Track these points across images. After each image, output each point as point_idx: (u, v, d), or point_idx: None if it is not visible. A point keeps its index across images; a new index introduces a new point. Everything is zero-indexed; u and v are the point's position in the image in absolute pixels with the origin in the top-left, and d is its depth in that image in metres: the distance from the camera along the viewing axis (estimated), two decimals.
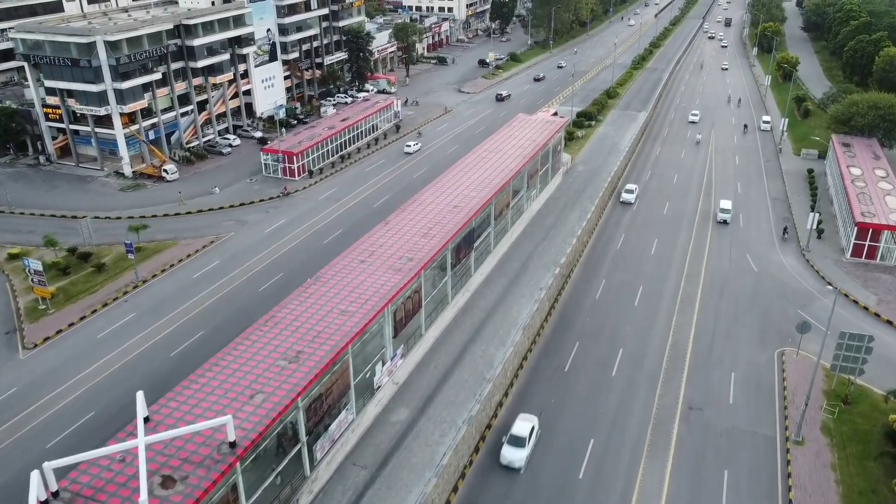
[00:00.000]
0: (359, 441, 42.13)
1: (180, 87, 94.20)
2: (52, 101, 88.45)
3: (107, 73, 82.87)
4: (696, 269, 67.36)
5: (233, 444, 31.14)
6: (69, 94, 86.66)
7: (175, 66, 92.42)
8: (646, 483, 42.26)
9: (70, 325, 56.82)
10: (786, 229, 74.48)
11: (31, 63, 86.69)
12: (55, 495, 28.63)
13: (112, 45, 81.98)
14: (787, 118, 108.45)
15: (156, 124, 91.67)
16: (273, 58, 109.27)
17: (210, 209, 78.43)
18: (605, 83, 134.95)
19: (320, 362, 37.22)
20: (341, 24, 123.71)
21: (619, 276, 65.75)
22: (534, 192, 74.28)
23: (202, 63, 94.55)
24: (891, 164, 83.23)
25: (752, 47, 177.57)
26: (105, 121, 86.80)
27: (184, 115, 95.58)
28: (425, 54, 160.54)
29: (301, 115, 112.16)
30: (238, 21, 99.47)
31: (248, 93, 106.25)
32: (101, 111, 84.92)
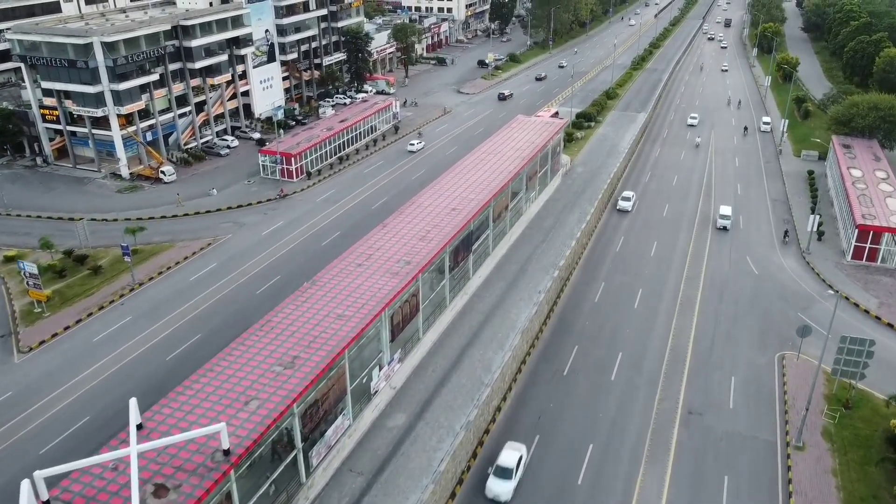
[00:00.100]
0: (356, 446, 41.75)
1: (178, 88, 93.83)
2: (49, 102, 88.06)
3: (104, 74, 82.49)
4: (695, 272, 67.00)
5: (227, 452, 30.76)
6: (66, 95, 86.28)
7: (173, 67, 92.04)
8: (645, 488, 41.90)
9: (66, 329, 56.44)
10: (786, 233, 73.98)
11: (27, 64, 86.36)
12: None
13: (109, 47, 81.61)
14: (787, 119, 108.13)
15: (153, 126, 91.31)
16: (271, 59, 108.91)
17: (207, 211, 78.04)
18: (604, 84, 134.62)
19: (316, 368, 36.85)
20: (340, 24, 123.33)
21: (619, 279, 65.38)
22: (533, 193, 73.91)
23: (200, 64, 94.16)
24: (891, 166, 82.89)
25: (751, 48, 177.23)
26: (102, 122, 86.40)
27: (182, 116, 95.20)
28: (424, 55, 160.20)
29: (299, 116, 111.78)
30: (236, 22, 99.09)
31: (246, 94, 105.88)
32: (98, 113, 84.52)
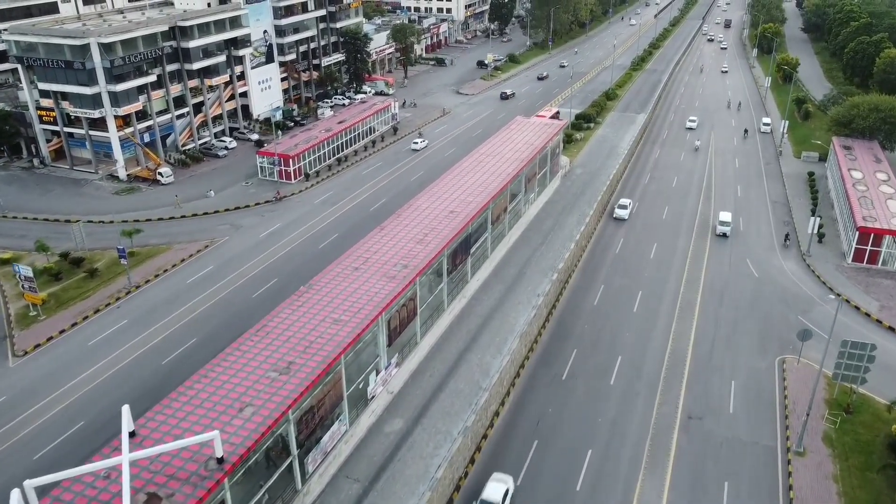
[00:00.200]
0: (352, 452, 41.37)
1: (176, 89, 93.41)
2: (46, 103, 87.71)
3: (101, 75, 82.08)
4: (695, 275, 66.61)
5: (221, 460, 30.38)
6: (63, 96, 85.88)
7: (170, 68, 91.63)
8: (645, 494, 41.53)
9: (61, 332, 56.04)
10: (787, 236, 73.34)
11: (24, 65, 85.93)
12: None
13: (106, 48, 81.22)
14: (787, 120, 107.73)
15: (151, 127, 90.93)
16: (270, 59, 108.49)
17: (205, 213, 77.62)
18: (604, 84, 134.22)
19: (312, 373, 36.46)
20: (339, 25, 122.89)
21: (618, 282, 64.98)
22: (532, 195, 73.51)
23: (198, 65, 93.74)
24: (892, 167, 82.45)
25: (751, 48, 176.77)
26: (99, 123, 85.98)
27: (179, 117, 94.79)
28: (423, 55, 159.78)
29: (298, 118, 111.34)
30: (234, 23, 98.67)
31: (244, 95, 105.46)
32: (95, 114, 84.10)
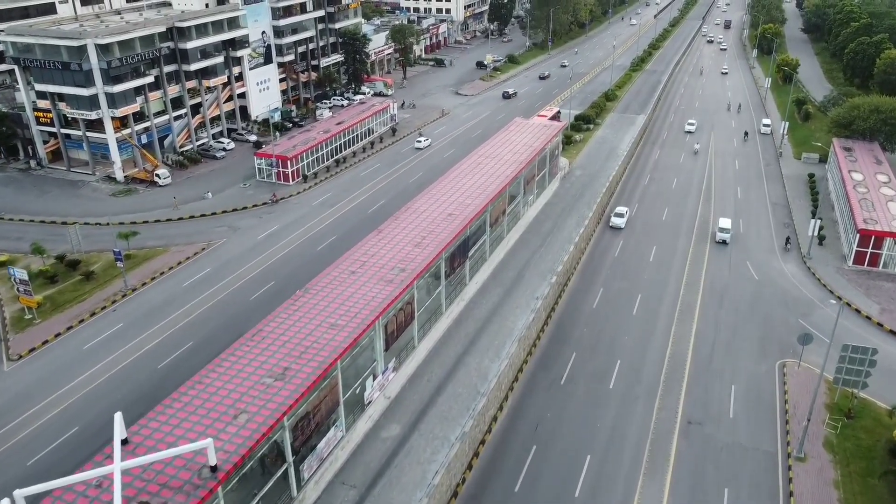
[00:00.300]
0: (348, 459, 40.99)
1: (173, 90, 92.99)
2: (42, 104, 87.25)
3: (98, 76, 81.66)
4: (695, 277, 66.22)
5: (214, 468, 29.99)
6: (60, 97, 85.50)
7: (168, 69, 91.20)
8: (644, 501, 41.17)
9: (56, 336, 55.62)
10: (788, 240, 72.69)
11: (21, 66, 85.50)
12: None
13: (103, 49, 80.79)
14: (787, 121, 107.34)
15: (148, 128, 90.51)
16: (268, 60, 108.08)
17: (202, 215, 77.22)
18: (603, 85, 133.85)
19: (307, 379, 36.07)
20: (337, 26, 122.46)
21: (618, 285, 64.58)
22: (531, 197, 73.13)
23: (196, 66, 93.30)
24: (893, 169, 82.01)
25: (751, 49, 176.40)
26: (96, 125, 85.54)
27: (177, 118, 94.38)
28: (423, 56, 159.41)
29: (296, 118, 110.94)
30: (232, 23, 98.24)
31: (242, 96, 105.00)
32: (92, 115, 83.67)
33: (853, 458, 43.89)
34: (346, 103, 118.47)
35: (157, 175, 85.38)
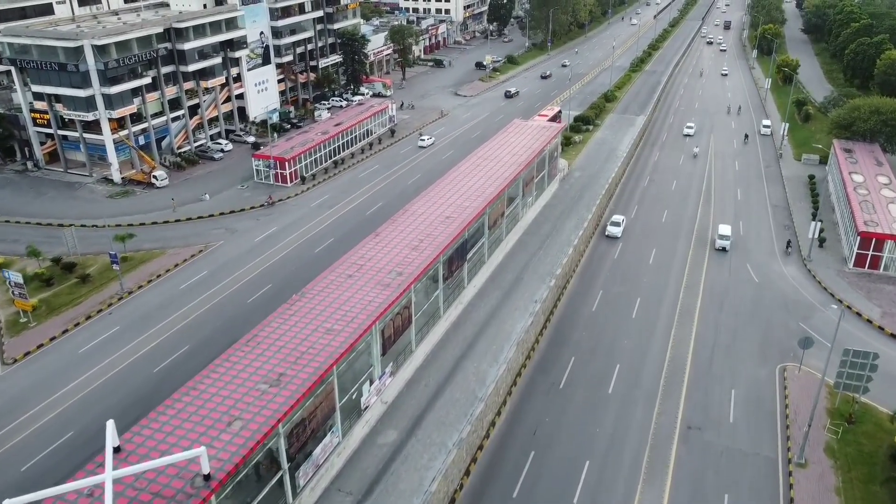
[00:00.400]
0: (345, 465, 40.58)
1: (171, 91, 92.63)
2: (39, 105, 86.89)
3: (95, 77, 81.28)
4: (695, 280, 65.82)
5: (207, 477, 29.57)
6: (57, 98, 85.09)
7: (166, 70, 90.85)
8: None
9: (51, 340, 55.22)
10: (789, 243, 72.00)
11: (17, 67, 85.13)
12: None
13: (100, 50, 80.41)
14: (787, 122, 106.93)
15: (146, 129, 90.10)
16: (266, 61, 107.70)
17: (200, 217, 76.80)
18: (603, 86, 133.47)
19: (303, 385, 35.65)
20: (336, 26, 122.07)
21: (617, 288, 64.17)
22: (529, 199, 72.73)
23: (193, 67, 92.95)
24: (894, 171, 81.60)
25: (751, 50, 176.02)
26: (94, 126, 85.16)
27: (175, 119, 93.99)
28: (422, 57, 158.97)
29: (295, 119, 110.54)
30: (230, 24, 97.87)
31: (240, 97, 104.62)
32: (88, 116, 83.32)
33: (854, 464, 43.49)
34: (344, 104, 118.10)
35: (155, 177, 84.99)
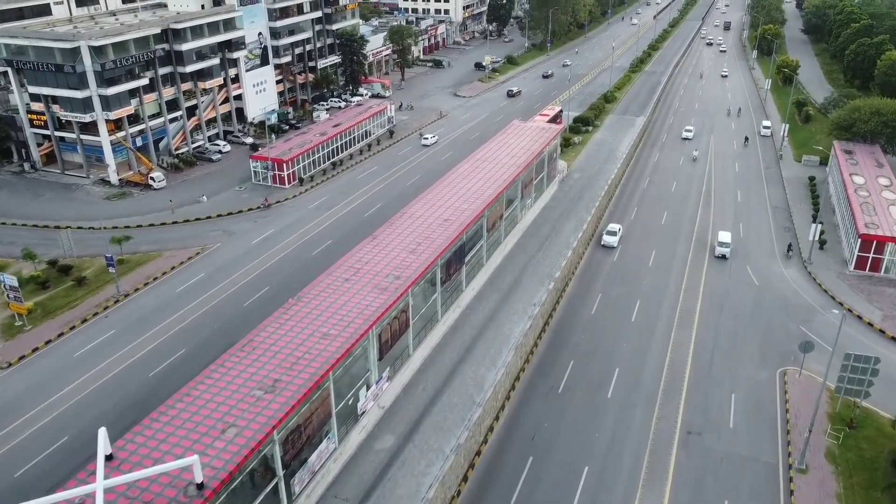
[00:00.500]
0: (341, 471, 40.21)
1: (169, 92, 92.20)
2: (36, 107, 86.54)
3: (92, 78, 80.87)
4: (695, 283, 65.43)
5: (201, 486, 29.20)
6: (54, 100, 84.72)
7: (163, 70, 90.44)
8: None
9: (47, 343, 54.83)
10: (790, 247, 71.40)
11: (14, 68, 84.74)
12: None
13: (97, 51, 80.00)
14: (787, 123, 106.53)
15: (143, 131, 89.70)
16: (265, 62, 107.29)
17: (197, 219, 76.41)
18: (602, 87, 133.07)
19: (298, 392, 35.27)
20: (335, 27, 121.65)
21: (616, 290, 63.78)
22: (528, 201, 72.35)
23: (191, 68, 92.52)
24: (894, 172, 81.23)
25: (751, 50, 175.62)
26: (91, 127, 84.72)
27: (172, 121, 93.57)
28: (421, 57, 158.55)
29: (293, 120, 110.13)
30: (228, 25, 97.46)
31: (239, 98, 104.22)
32: (86, 118, 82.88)
33: (855, 470, 43.12)
34: (343, 105, 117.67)
35: (152, 178, 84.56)
